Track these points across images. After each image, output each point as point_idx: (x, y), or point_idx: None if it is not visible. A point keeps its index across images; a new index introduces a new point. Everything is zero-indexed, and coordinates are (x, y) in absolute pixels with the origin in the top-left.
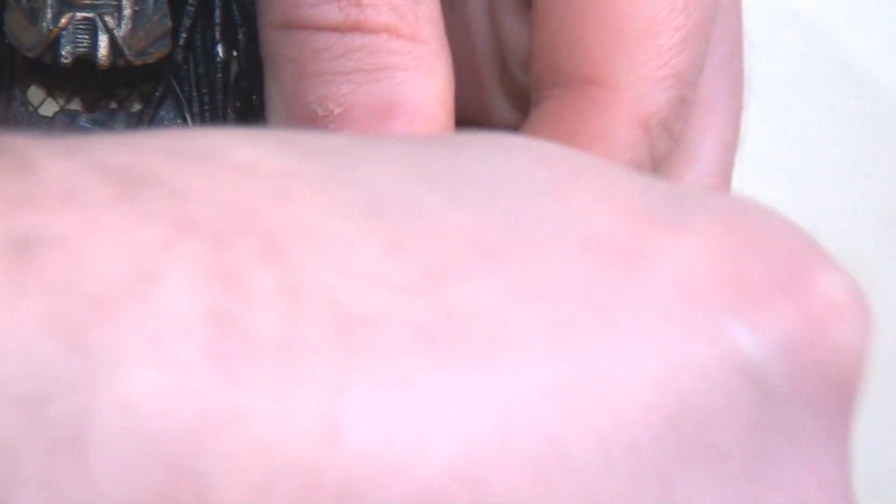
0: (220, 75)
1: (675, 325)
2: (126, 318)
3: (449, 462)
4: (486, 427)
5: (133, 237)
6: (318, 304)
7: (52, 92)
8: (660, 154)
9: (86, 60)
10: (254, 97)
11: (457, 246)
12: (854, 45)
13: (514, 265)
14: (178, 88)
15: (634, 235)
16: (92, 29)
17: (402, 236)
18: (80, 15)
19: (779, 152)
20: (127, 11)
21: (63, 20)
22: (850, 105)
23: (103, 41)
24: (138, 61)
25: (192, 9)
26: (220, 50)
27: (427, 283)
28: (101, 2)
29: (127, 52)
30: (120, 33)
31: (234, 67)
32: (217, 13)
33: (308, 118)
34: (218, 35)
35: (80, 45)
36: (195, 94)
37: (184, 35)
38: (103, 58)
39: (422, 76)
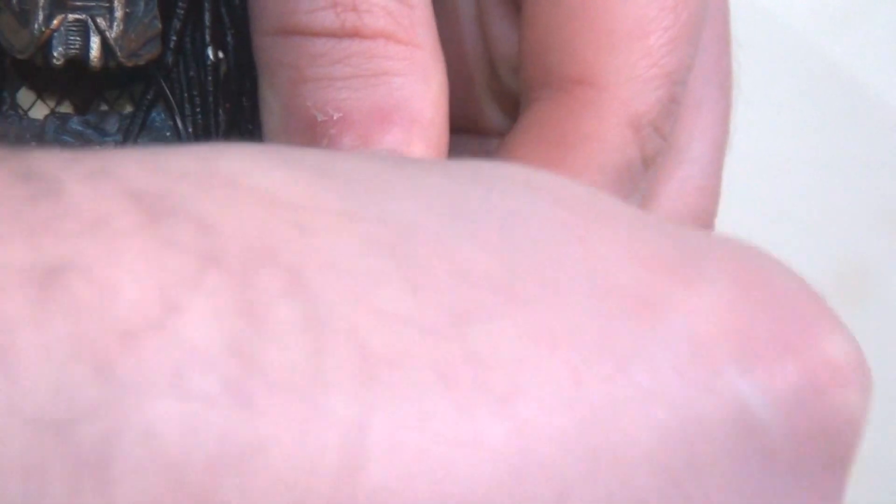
0: (210, 78)
1: (686, 380)
2: (150, 348)
3: None
4: (500, 474)
5: (158, 268)
6: (341, 340)
7: (41, 94)
8: (650, 154)
9: (77, 62)
10: (244, 99)
11: (482, 288)
12: (845, 48)
13: (535, 310)
14: (168, 91)
15: (651, 286)
16: (84, 30)
17: (427, 275)
18: (71, 17)
19: (775, 153)
20: (118, 13)
21: (55, 22)
22: (842, 107)
23: (95, 43)
24: (129, 63)
25: (182, 11)
26: (210, 53)
27: (450, 324)
28: (92, 3)
29: (119, 53)
30: (112, 35)
31: (224, 69)
32: (207, 16)
33: (307, 123)
34: (208, 38)
35: (72, 46)
36: (186, 96)
37: (174, 38)
38: (95, 59)
39: (418, 81)
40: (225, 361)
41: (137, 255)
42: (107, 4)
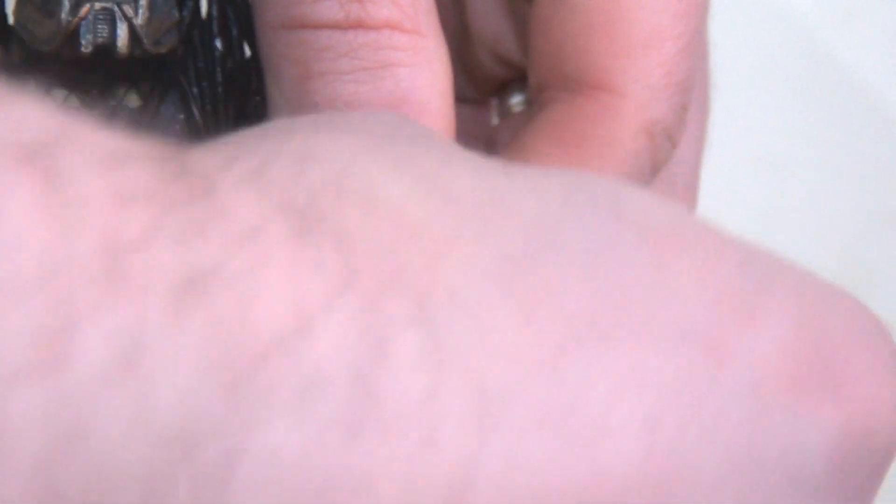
0: (219, 68)
1: (747, 421)
2: (279, 368)
3: None
4: None
5: (297, 286)
6: (459, 375)
7: (50, 89)
8: (661, 161)
9: (105, 49)
10: (250, 92)
11: (578, 322)
12: (847, 46)
13: (621, 349)
14: (184, 82)
15: (719, 326)
16: (111, 18)
17: (534, 306)
18: (98, 5)
19: (775, 152)
20: (143, 1)
21: (82, 10)
22: (843, 106)
23: (122, 30)
24: (154, 50)
25: (191, 3)
26: (218, 44)
27: (553, 360)
28: None
29: (145, 40)
30: (138, 22)
31: (230, 64)
32: (214, 8)
33: None
34: (216, 29)
35: (100, 34)
36: (196, 88)
37: (184, 29)
38: (122, 47)
39: (425, 71)
40: (346, 389)
41: (280, 270)
42: None
